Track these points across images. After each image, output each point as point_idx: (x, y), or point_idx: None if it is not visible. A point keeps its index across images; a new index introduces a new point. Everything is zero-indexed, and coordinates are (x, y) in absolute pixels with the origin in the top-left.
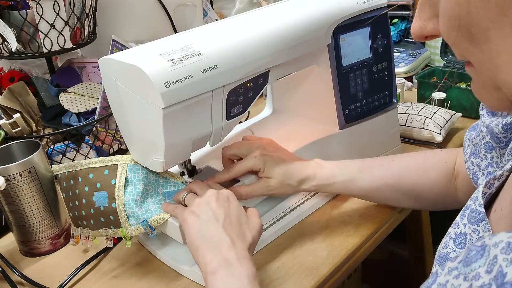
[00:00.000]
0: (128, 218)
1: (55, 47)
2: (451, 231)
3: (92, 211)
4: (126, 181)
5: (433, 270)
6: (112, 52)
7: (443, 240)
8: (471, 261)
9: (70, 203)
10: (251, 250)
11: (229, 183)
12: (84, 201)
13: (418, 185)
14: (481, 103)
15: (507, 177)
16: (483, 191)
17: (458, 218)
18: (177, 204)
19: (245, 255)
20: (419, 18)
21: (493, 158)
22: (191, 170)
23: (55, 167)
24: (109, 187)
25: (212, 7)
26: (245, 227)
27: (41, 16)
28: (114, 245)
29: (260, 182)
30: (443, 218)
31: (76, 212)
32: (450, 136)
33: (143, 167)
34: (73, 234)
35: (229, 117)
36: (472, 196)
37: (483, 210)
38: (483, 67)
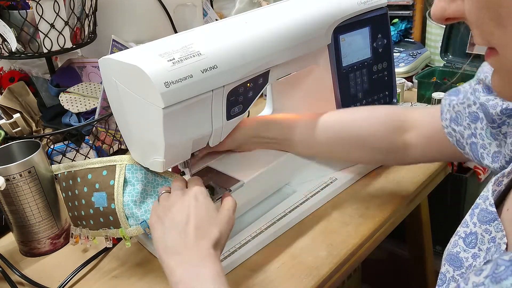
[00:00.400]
0: (127, 219)
1: (55, 47)
2: (461, 230)
3: (91, 211)
4: (125, 181)
5: (442, 269)
6: (112, 52)
7: (452, 239)
8: (501, 278)
9: (69, 203)
10: (220, 245)
11: (228, 184)
12: (83, 201)
13: (362, 134)
14: (477, 75)
15: None
16: (492, 189)
17: (467, 217)
18: None
19: (208, 254)
20: None
21: (477, 128)
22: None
23: (54, 167)
24: (108, 188)
25: (212, 7)
26: (211, 223)
27: (41, 16)
28: (114, 245)
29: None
30: (443, 218)
31: (75, 212)
32: None
33: (142, 167)
34: (72, 233)
35: (229, 117)
36: (481, 194)
37: (495, 210)
38: (507, 52)
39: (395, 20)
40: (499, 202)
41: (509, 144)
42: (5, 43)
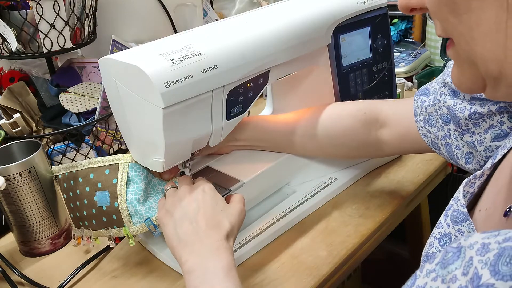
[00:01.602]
0: (131, 217)
1: (55, 47)
2: (436, 231)
3: (93, 211)
4: (128, 180)
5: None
6: (112, 52)
7: (428, 241)
8: (448, 263)
9: (71, 204)
10: (231, 236)
11: (228, 184)
12: (85, 201)
13: (333, 130)
14: (442, 78)
15: (489, 175)
16: (464, 191)
17: (441, 218)
18: None
19: (220, 245)
20: None
21: (450, 130)
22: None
23: (54, 168)
24: (111, 186)
25: (212, 7)
26: (221, 215)
27: (41, 16)
28: (116, 244)
29: None
30: None
31: (77, 213)
32: None
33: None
34: (74, 235)
35: (229, 117)
36: (454, 195)
37: (466, 210)
38: (461, 40)
39: (395, 20)
40: (473, 203)
41: (482, 152)
42: (5, 43)
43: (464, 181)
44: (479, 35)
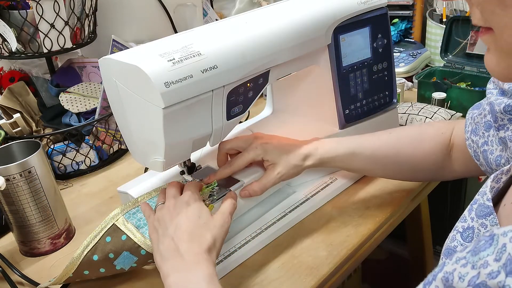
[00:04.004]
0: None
1: (55, 47)
2: (459, 225)
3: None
4: (136, 227)
5: (440, 263)
6: (112, 52)
7: (450, 234)
8: (479, 250)
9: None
10: (213, 249)
11: (228, 184)
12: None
13: (414, 156)
14: (490, 81)
15: None
16: (491, 186)
17: (466, 212)
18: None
19: (201, 259)
20: None
21: (489, 136)
22: (191, 167)
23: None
24: (125, 244)
25: (212, 7)
26: (203, 229)
27: (41, 16)
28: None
29: (268, 172)
30: (443, 218)
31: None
32: None
33: (131, 203)
34: None
35: (229, 117)
36: (480, 190)
37: (491, 204)
38: (504, 32)
39: (395, 20)
40: (498, 199)
41: (511, 148)
42: (5, 43)
43: (492, 176)
44: None
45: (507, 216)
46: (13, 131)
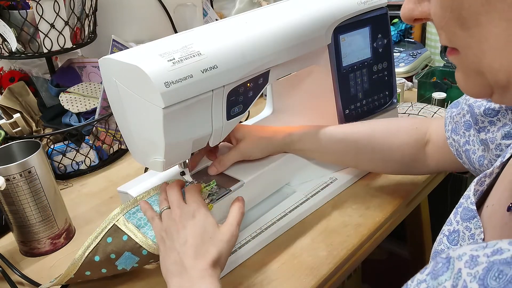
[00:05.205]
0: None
1: (55, 47)
2: (445, 228)
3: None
4: (137, 227)
5: (427, 266)
6: (112, 52)
7: (438, 238)
8: (438, 274)
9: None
10: (218, 264)
11: (227, 184)
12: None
13: (386, 144)
14: None
15: (498, 174)
16: (475, 189)
17: (451, 215)
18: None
19: (205, 274)
20: (410, 0)
21: (470, 136)
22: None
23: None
24: (126, 245)
25: (212, 7)
26: (209, 244)
27: (41, 16)
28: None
29: (233, 148)
30: (443, 218)
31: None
32: None
33: (131, 203)
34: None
35: (229, 117)
36: (464, 193)
37: (475, 207)
38: (469, 52)
39: (395, 20)
40: (482, 201)
41: (493, 150)
42: (5, 43)
43: (475, 180)
44: (489, 48)
45: (489, 217)
46: (13, 131)
